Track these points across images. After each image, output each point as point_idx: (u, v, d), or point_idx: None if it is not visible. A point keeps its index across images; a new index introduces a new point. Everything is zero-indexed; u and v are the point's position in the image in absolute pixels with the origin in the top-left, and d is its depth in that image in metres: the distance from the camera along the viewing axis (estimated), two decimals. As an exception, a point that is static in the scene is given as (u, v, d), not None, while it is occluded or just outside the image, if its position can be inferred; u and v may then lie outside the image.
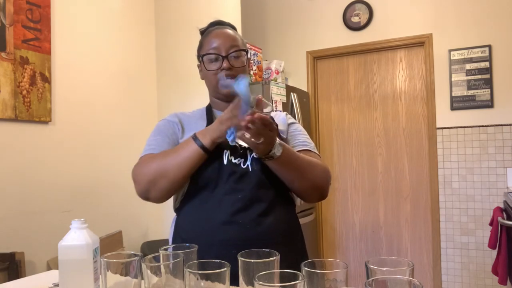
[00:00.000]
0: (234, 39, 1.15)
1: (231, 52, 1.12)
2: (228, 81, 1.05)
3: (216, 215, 1.03)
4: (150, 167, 1.05)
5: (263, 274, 0.64)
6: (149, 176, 1.04)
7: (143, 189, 1.06)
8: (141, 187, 1.07)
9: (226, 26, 1.20)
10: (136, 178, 1.08)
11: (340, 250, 3.58)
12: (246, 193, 1.04)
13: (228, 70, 1.11)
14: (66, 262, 0.80)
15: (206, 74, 1.16)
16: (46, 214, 2.26)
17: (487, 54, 3.01)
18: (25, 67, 2.17)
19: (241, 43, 1.17)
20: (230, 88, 0.97)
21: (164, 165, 1.03)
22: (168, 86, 3.14)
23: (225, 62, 1.11)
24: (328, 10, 3.57)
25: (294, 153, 1.07)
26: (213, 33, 1.16)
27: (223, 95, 1.14)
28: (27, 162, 2.19)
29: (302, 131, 1.24)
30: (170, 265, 0.75)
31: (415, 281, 0.58)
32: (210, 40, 1.15)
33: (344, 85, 3.59)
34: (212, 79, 1.14)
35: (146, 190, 1.06)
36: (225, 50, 1.12)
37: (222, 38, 1.14)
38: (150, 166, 1.05)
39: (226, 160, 1.07)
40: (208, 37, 1.17)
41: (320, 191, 1.14)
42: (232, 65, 1.12)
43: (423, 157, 3.29)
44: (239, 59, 1.14)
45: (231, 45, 1.13)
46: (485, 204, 3.01)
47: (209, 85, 1.18)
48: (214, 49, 1.13)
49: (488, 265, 2.93)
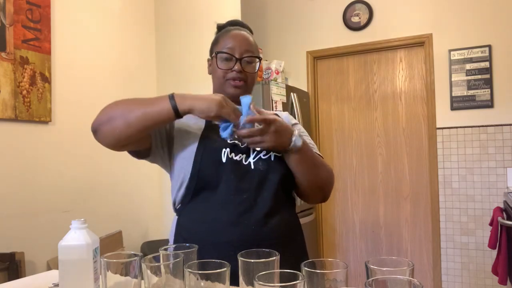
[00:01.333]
0: (250, 44, 1.16)
1: (245, 56, 1.13)
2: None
3: (221, 216, 1.02)
4: (116, 105, 1.04)
5: (263, 274, 0.64)
6: (111, 112, 1.02)
7: (98, 121, 1.03)
8: (97, 118, 1.04)
9: (245, 29, 1.21)
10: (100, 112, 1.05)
11: (340, 250, 3.58)
12: (251, 193, 1.04)
13: (238, 73, 1.12)
14: (66, 262, 0.80)
15: (216, 71, 1.16)
16: (46, 214, 2.26)
17: (487, 54, 3.01)
18: (25, 67, 2.17)
19: (255, 50, 1.18)
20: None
21: (130, 108, 1.01)
22: (168, 86, 3.14)
23: (237, 65, 1.12)
24: (328, 10, 3.57)
25: (308, 146, 1.09)
26: (231, 33, 1.16)
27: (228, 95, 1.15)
28: (27, 162, 2.19)
29: (305, 132, 1.25)
30: (170, 265, 0.75)
31: (415, 281, 0.58)
32: (227, 39, 1.15)
33: (344, 85, 3.59)
34: (220, 77, 1.14)
35: (100, 122, 1.03)
36: (240, 53, 1.13)
37: (239, 40, 1.14)
38: (118, 105, 1.04)
39: (225, 158, 1.06)
40: (225, 35, 1.17)
41: (325, 192, 1.15)
42: (243, 69, 1.13)
43: (423, 157, 3.29)
44: (251, 65, 1.15)
45: (246, 49, 1.14)
46: (485, 204, 3.01)
47: (215, 82, 1.18)
48: (229, 49, 1.13)
49: (488, 265, 2.93)
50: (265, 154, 1.08)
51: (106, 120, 1.02)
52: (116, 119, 1.00)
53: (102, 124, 1.02)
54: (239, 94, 1.11)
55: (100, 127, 1.03)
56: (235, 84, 1.13)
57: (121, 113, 1.01)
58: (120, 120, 1.00)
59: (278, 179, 1.07)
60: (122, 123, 1.00)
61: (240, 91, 1.14)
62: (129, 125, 0.99)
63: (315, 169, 1.10)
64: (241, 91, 1.14)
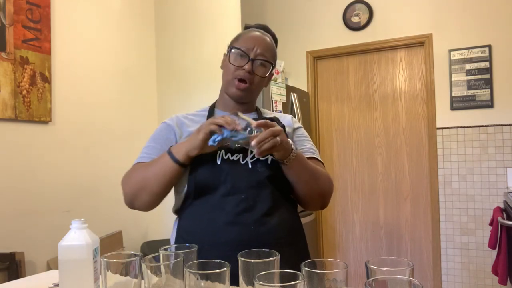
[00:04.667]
0: (267, 49, 1.15)
1: (258, 58, 1.13)
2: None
3: (220, 216, 1.02)
4: (132, 180, 1.10)
5: (263, 274, 0.64)
6: (132, 188, 1.09)
7: (128, 200, 1.12)
8: (126, 198, 1.12)
9: (268, 35, 1.21)
10: (122, 189, 1.13)
11: (340, 250, 3.58)
12: (250, 193, 1.04)
13: (247, 73, 1.11)
14: (66, 262, 0.80)
15: (227, 65, 1.16)
16: (46, 214, 2.26)
17: (487, 54, 3.01)
18: (25, 67, 2.17)
19: (272, 56, 1.17)
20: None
21: (144, 179, 1.07)
22: (168, 86, 3.14)
23: (248, 65, 1.11)
24: (328, 10, 3.56)
25: (305, 157, 1.10)
26: (253, 34, 1.17)
27: (232, 95, 1.15)
28: (27, 162, 2.19)
29: (307, 137, 1.25)
30: (170, 265, 0.75)
31: (415, 281, 0.58)
32: (247, 38, 1.15)
33: (344, 85, 3.59)
34: (230, 72, 1.14)
35: (130, 201, 1.11)
36: (254, 54, 1.13)
37: (258, 41, 1.14)
38: (133, 179, 1.10)
39: (220, 160, 1.06)
40: (247, 34, 1.17)
41: (324, 200, 1.17)
42: (254, 71, 1.12)
43: (423, 157, 3.29)
44: (262, 69, 1.15)
45: (262, 53, 1.13)
46: (485, 204, 3.01)
47: (224, 77, 1.18)
48: (245, 48, 1.13)
49: (488, 265, 2.93)
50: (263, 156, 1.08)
51: (132, 198, 1.10)
52: (140, 195, 1.08)
53: (133, 202, 1.11)
54: (241, 97, 1.12)
55: (132, 205, 1.12)
56: (238, 86, 1.13)
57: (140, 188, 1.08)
58: (143, 194, 1.08)
59: (277, 179, 1.07)
60: (147, 196, 1.08)
61: (243, 95, 1.14)
62: (152, 194, 1.07)
63: (313, 178, 1.10)
64: (244, 94, 1.14)
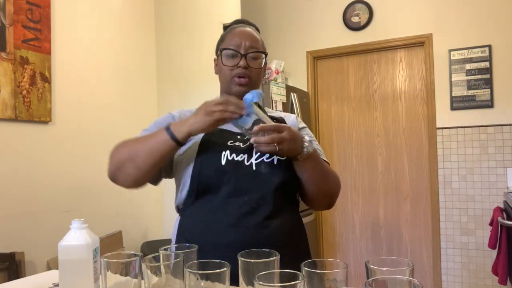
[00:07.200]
0: (255, 40, 1.15)
1: (250, 51, 1.13)
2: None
3: (222, 218, 1.02)
4: (121, 149, 1.07)
5: (263, 274, 0.64)
6: (119, 158, 1.06)
7: (112, 171, 1.07)
8: (110, 168, 1.07)
9: (251, 26, 1.21)
10: (109, 158, 1.08)
11: (340, 250, 3.58)
12: (252, 196, 1.03)
13: (244, 69, 1.11)
14: (66, 262, 0.80)
15: (222, 68, 1.16)
16: (46, 214, 2.26)
17: (487, 54, 3.01)
18: (25, 67, 2.17)
19: (261, 46, 1.17)
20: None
21: (134, 150, 1.04)
22: (168, 86, 3.14)
23: (242, 61, 1.11)
24: (328, 10, 3.57)
25: (319, 156, 1.09)
26: (236, 30, 1.17)
27: (234, 94, 1.14)
28: (27, 162, 2.19)
29: (312, 137, 1.24)
30: (170, 265, 0.75)
31: (415, 281, 0.58)
32: (232, 36, 1.15)
33: (344, 85, 3.59)
34: (226, 74, 1.14)
35: (114, 172, 1.07)
36: (245, 48, 1.12)
37: (244, 36, 1.14)
38: (123, 149, 1.07)
39: (224, 161, 1.05)
40: (230, 33, 1.17)
41: (331, 200, 1.15)
42: (249, 65, 1.12)
43: (423, 157, 3.29)
44: (256, 61, 1.15)
45: (251, 45, 1.13)
46: (485, 204, 3.01)
47: (222, 80, 1.18)
48: (234, 46, 1.13)
49: (488, 265, 2.93)
50: (268, 157, 1.07)
51: (117, 168, 1.06)
52: (125, 166, 1.04)
53: (116, 173, 1.07)
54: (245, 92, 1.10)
55: (115, 176, 1.07)
56: (239, 82, 1.12)
57: (128, 158, 1.04)
58: (130, 165, 1.04)
59: (280, 182, 1.06)
60: (133, 168, 1.04)
61: (245, 89, 1.13)
62: (139, 168, 1.03)
63: (324, 177, 1.09)
64: (246, 88, 1.13)
